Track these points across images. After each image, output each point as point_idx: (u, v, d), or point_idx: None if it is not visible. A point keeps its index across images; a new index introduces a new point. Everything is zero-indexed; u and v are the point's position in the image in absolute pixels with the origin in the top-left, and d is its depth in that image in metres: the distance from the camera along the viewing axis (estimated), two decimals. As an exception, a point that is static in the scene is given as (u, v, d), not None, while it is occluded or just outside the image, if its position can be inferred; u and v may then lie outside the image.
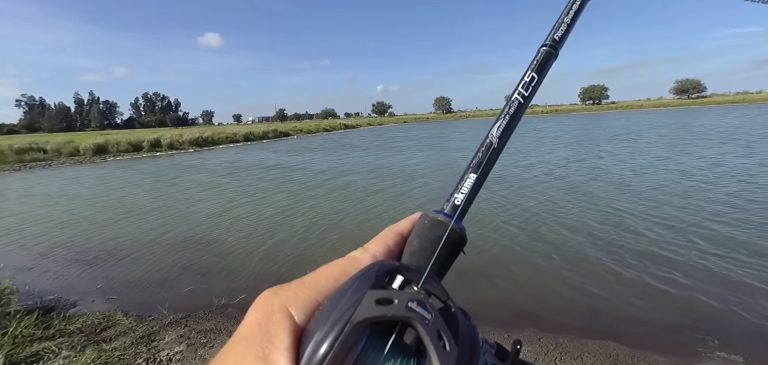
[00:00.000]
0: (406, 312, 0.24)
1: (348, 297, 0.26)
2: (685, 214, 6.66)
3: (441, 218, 0.35)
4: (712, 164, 11.34)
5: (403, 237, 0.35)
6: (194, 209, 9.46)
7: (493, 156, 0.38)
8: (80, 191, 13.18)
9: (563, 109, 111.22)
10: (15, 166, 22.25)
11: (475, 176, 0.37)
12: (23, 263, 6.14)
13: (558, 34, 0.44)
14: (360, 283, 0.27)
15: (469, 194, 0.37)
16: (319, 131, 54.24)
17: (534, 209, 7.55)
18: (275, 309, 0.27)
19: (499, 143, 0.38)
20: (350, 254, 0.33)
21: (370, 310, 0.24)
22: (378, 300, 0.25)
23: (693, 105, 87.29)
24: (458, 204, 0.36)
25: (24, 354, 3.38)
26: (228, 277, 5.25)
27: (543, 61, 0.42)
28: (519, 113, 0.39)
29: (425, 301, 0.26)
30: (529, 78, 0.41)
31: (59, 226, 8.46)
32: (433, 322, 0.25)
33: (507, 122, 0.39)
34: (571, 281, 4.57)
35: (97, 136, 36.39)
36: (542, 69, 0.42)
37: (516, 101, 0.40)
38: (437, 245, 0.33)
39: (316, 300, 0.27)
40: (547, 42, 0.44)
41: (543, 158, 14.81)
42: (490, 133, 0.39)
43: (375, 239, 0.35)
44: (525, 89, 0.40)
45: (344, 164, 17.14)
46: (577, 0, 0.45)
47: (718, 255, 4.96)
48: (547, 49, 0.43)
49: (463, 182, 0.37)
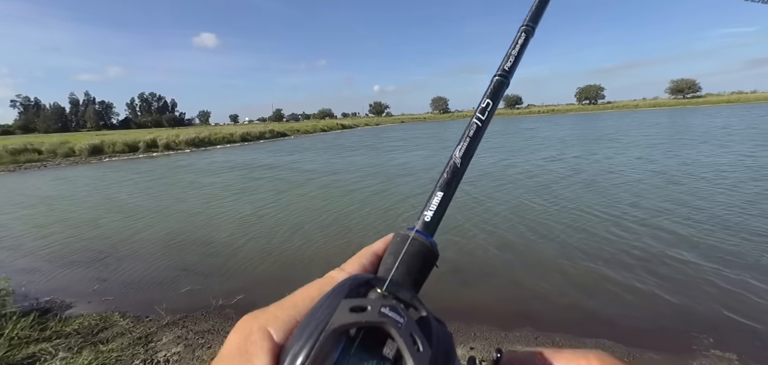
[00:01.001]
0: (379, 318, 0.25)
1: (323, 309, 0.27)
2: (679, 214, 6.71)
3: (413, 235, 0.36)
4: (700, 164, 11.44)
5: (378, 256, 0.37)
6: (191, 209, 9.44)
7: (457, 175, 0.41)
8: (75, 192, 13.11)
9: (560, 109, 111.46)
10: (10, 167, 22.07)
11: (442, 194, 0.39)
12: (19, 265, 6.11)
13: (507, 65, 0.49)
14: (335, 294, 0.28)
15: (437, 211, 0.39)
16: (316, 131, 54.14)
17: (529, 209, 7.59)
18: (254, 330, 0.27)
19: (462, 163, 0.42)
20: (328, 274, 0.34)
21: (345, 318, 0.25)
22: (352, 307, 0.26)
23: (688, 105, 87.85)
24: (428, 221, 0.38)
25: (20, 356, 3.37)
26: (225, 278, 5.24)
27: (496, 88, 0.47)
28: (478, 136, 0.43)
29: (397, 307, 0.27)
30: (485, 104, 0.45)
31: (55, 227, 8.41)
32: (405, 325, 0.25)
33: (468, 143, 0.43)
34: (568, 280, 4.60)
35: (93, 136, 36.18)
36: (496, 96, 0.47)
37: (474, 124, 0.44)
38: (409, 259, 0.35)
39: (295, 319, 0.28)
40: (499, 72, 0.49)
41: (539, 159, 14.90)
42: (454, 154, 0.42)
43: (351, 259, 0.37)
44: (482, 114, 0.44)
45: (342, 163, 17.17)
46: (522, 36, 0.52)
47: (713, 255, 5.01)
48: (499, 79, 0.48)
49: (432, 200, 0.39)
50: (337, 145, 29.66)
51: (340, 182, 12.18)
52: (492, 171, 12.29)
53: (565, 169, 12.09)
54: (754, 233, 5.58)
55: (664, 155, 13.69)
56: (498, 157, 15.67)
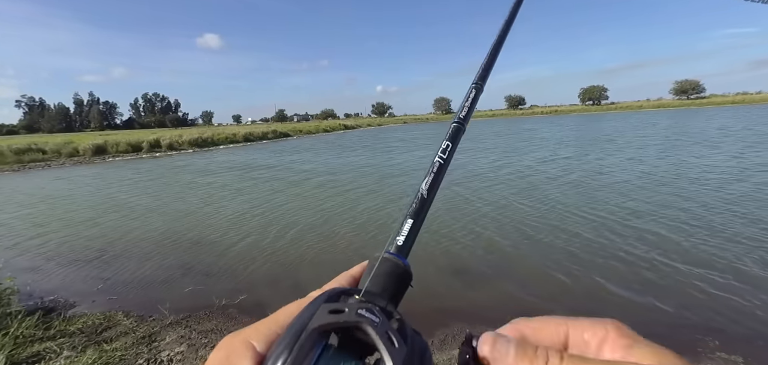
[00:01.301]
0: (356, 318, 0.27)
1: (304, 315, 0.28)
2: (684, 214, 6.68)
3: (386, 256, 0.39)
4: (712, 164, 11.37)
5: (356, 279, 0.40)
6: (194, 209, 9.47)
7: (425, 205, 0.45)
8: (78, 192, 13.18)
9: (563, 109, 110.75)
10: (14, 166, 22.22)
11: (412, 221, 0.43)
12: (24, 264, 6.15)
13: (462, 114, 0.55)
14: (314, 302, 0.30)
15: (409, 236, 0.41)
16: (319, 132, 54.19)
17: (531, 209, 7.57)
18: (236, 344, 0.28)
19: (428, 195, 0.45)
20: (308, 295, 0.36)
21: (324, 319, 0.27)
22: (331, 310, 0.28)
23: (692, 106, 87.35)
24: (401, 245, 0.41)
25: (25, 355, 3.39)
26: (228, 277, 5.25)
27: (454, 133, 0.52)
28: (441, 172, 0.48)
29: (374, 308, 0.29)
30: (445, 146, 0.50)
31: (59, 226, 8.46)
32: (381, 324, 0.27)
33: (433, 178, 0.47)
34: (568, 282, 4.59)
35: (97, 136, 36.35)
36: (455, 139, 0.52)
37: (437, 163, 0.48)
38: (384, 279, 0.37)
39: (276, 332, 0.29)
40: (456, 120, 0.54)
41: (536, 160, 14.86)
42: (421, 187, 0.46)
43: (331, 282, 0.39)
44: (443, 153, 0.49)
45: (343, 163, 17.17)
46: (472, 92, 0.58)
47: (718, 256, 4.98)
48: (457, 125, 0.53)
49: (403, 227, 0.42)
50: (338, 145, 29.67)
51: (343, 182, 12.19)
52: (495, 173, 12.27)
53: (563, 170, 12.05)
54: (762, 237, 5.54)
55: (669, 156, 13.62)
56: (499, 158, 15.62)
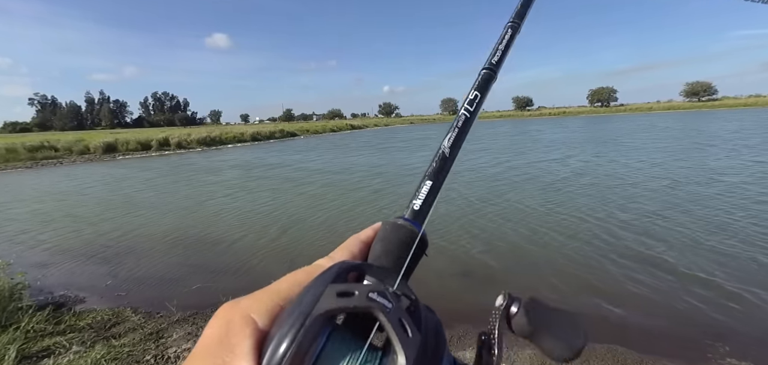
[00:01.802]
0: (366, 302, 0.25)
1: (309, 294, 0.26)
2: (694, 219, 6.58)
3: (401, 223, 0.36)
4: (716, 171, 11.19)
5: (366, 244, 0.37)
6: (202, 207, 9.55)
7: (446, 165, 0.41)
8: (90, 189, 13.36)
9: (571, 111, 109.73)
10: (27, 163, 22.64)
11: (431, 183, 0.40)
12: (35, 259, 6.24)
13: (495, 59, 0.50)
14: (322, 280, 0.27)
15: (426, 200, 0.39)
16: (326, 132, 54.37)
17: (539, 211, 7.51)
18: (235, 317, 0.26)
19: (450, 152, 0.42)
20: (315, 262, 0.34)
21: (331, 303, 0.24)
22: (339, 292, 0.25)
23: (703, 108, 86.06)
24: (417, 209, 0.38)
25: (36, 349, 3.45)
26: (235, 275, 5.29)
27: (484, 81, 0.48)
28: (466, 126, 0.44)
29: (386, 292, 0.26)
30: (473, 96, 0.46)
31: (69, 223, 8.59)
32: (393, 310, 0.25)
33: (456, 134, 0.44)
34: (579, 284, 4.54)
35: (107, 134, 36.89)
36: (484, 88, 0.47)
37: (463, 115, 0.45)
38: (399, 246, 0.34)
39: (279, 305, 0.27)
40: (487, 65, 0.50)
41: (553, 161, 14.74)
42: (443, 144, 0.43)
43: (339, 247, 0.36)
44: (470, 105, 0.46)
45: (350, 162, 17.19)
46: (508, 32, 0.53)
47: (729, 262, 4.90)
48: (487, 72, 0.49)
49: (420, 189, 0.39)
50: (345, 146, 29.73)
51: (351, 181, 12.22)
52: (501, 174, 12.20)
53: (567, 171, 11.94)
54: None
55: (683, 158, 13.43)
56: (506, 159, 15.53)
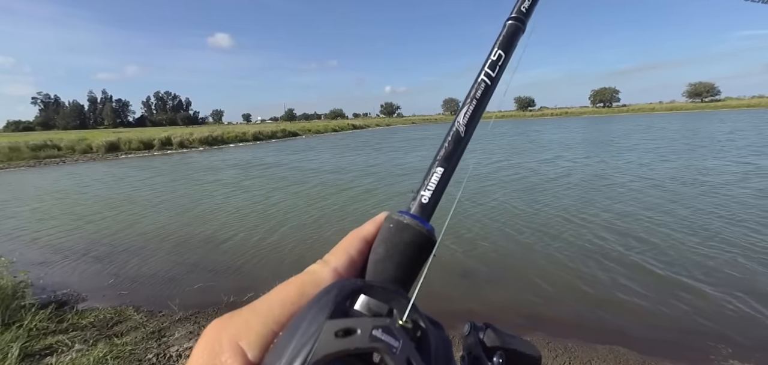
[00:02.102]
0: (370, 343, 0.22)
1: (304, 330, 0.23)
2: (696, 218, 6.55)
3: (407, 221, 0.31)
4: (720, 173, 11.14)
5: (368, 242, 0.32)
6: (203, 206, 9.56)
7: (461, 146, 0.35)
8: (92, 188, 13.40)
9: (573, 111, 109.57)
10: (30, 162, 22.73)
11: (443, 169, 0.34)
12: (38, 258, 6.27)
13: (525, 5, 0.39)
14: (317, 311, 0.24)
15: (436, 190, 0.33)
16: (328, 132, 54.42)
17: (542, 211, 7.49)
18: (224, 346, 0.24)
19: (466, 130, 0.35)
20: (309, 268, 0.31)
21: (330, 345, 0.22)
22: (337, 332, 0.23)
23: (706, 109, 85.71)
24: (425, 203, 0.33)
25: (38, 347, 3.46)
26: (237, 274, 5.29)
27: (509, 36, 0.38)
28: (486, 96, 0.36)
29: (392, 327, 0.23)
30: (496, 56, 0.37)
31: (72, 222, 8.62)
32: (401, 350, 0.22)
33: (474, 106, 0.35)
34: (581, 285, 4.53)
35: (110, 134, 37.04)
36: (509, 46, 0.38)
37: (482, 82, 0.36)
38: (403, 250, 0.30)
39: (272, 330, 0.25)
40: (514, 14, 0.39)
41: (556, 162, 14.71)
42: (457, 120, 0.35)
43: (336, 248, 0.32)
44: (492, 69, 0.36)
45: (354, 161, 17.20)
46: None
47: (731, 264, 4.87)
48: (513, 23, 0.38)
49: (430, 177, 0.34)
50: (342, 145, 29.74)
51: (354, 180, 12.23)
52: (507, 173, 12.19)
53: (573, 173, 11.92)
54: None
55: (686, 160, 13.39)
56: (504, 158, 15.50)
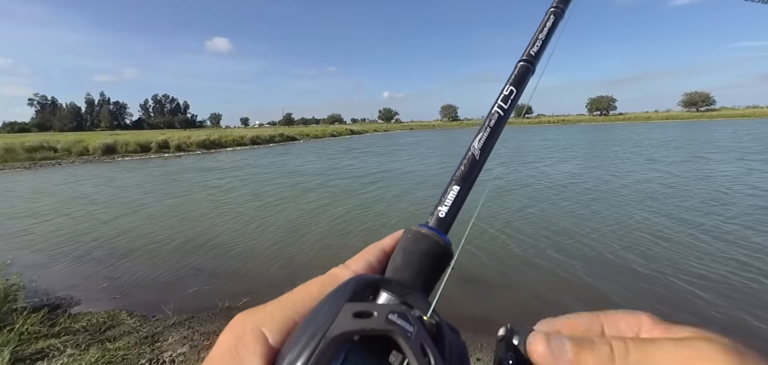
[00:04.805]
0: (385, 325, 0.23)
1: (324, 312, 0.24)
2: (703, 221, 6.58)
3: (425, 232, 0.33)
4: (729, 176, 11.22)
5: (386, 253, 0.34)
6: (199, 210, 9.51)
7: (476, 168, 0.38)
8: (87, 191, 13.32)
9: (570, 119, 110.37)
10: (25, 164, 22.57)
11: (459, 188, 0.37)
12: (30, 261, 6.20)
13: (534, 49, 0.45)
14: (337, 297, 0.26)
15: (453, 206, 0.36)
16: (326, 136, 54.46)
17: (549, 219, 7.50)
18: (247, 330, 0.25)
19: (481, 155, 0.39)
20: (330, 271, 0.32)
21: (348, 324, 0.23)
22: (356, 313, 0.24)
23: (702, 118, 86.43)
24: (443, 217, 0.35)
25: (30, 351, 3.41)
26: (232, 279, 5.26)
27: (520, 75, 0.44)
28: (499, 126, 0.41)
29: (407, 313, 0.24)
30: (508, 92, 0.42)
31: (66, 224, 8.54)
32: (415, 335, 0.23)
33: (488, 134, 0.40)
34: (582, 291, 4.52)
35: (107, 136, 36.86)
36: (520, 83, 0.43)
37: (496, 114, 0.41)
38: (421, 259, 0.32)
39: (293, 319, 0.26)
40: (524, 57, 0.45)
41: (560, 164, 14.76)
42: (472, 145, 0.40)
43: (357, 256, 0.34)
44: (504, 102, 0.41)
45: (352, 166, 17.19)
46: (550, 19, 0.47)
47: (733, 266, 4.89)
48: (524, 64, 0.44)
49: (447, 195, 0.36)
50: (344, 150, 29.76)
51: (351, 186, 12.21)
52: (522, 179, 12.21)
53: (579, 177, 11.96)
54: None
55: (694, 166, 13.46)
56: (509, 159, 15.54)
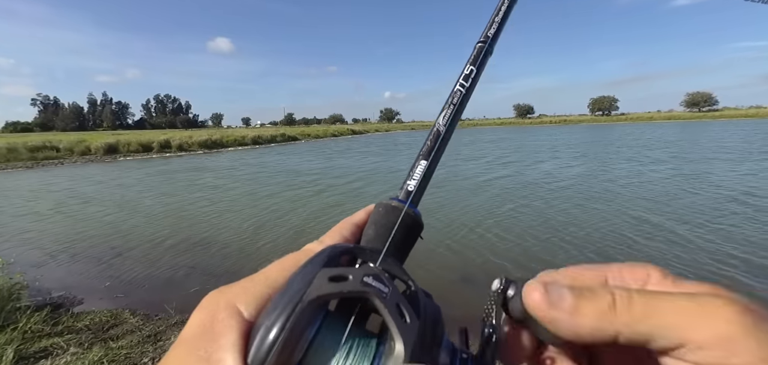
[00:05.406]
0: (361, 287, 0.24)
1: (299, 279, 0.24)
2: (699, 220, 6.56)
3: (395, 204, 0.35)
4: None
5: (359, 227, 0.36)
6: (202, 210, 9.53)
7: (441, 143, 0.40)
8: (89, 190, 13.35)
9: (572, 119, 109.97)
10: (28, 163, 22.61)
11: (426, 162, 0.38)
12: (34, 260, 6.22)
13: (491, 31, 0.48)
14: (312, 264, 0.26)
15: (421, 180, 0.37)
16: (327, 136, 54.49)
17: (545, 219, 7.49)
18: (220, 307, 0.25)
19: (446, 130, 0.41)
20: (305, 246, 0.32)
21: (323, 288, 0.23)
22: (331, 277, 0.24)
23: (704, 118, 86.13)
24: (411, 190, 0.37)
25: (33, 350, 3.42)
26: (234, 278, 4.91)
27: (479, 55, 0.46)
28: (463, 103, 0.43)
29: (381, 276, 0.25)
30: (468, 70, 0.45)
31: (69, 223, 8.57)
32: (390, 295, 0.24)
33: (452, 111, 0.42)
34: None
35: (109, 136, 36.95)
36: (479, 63, 0.46)
37: (458, 91, 0.43)
38: (392, 229, 0.33)
39: (267, 294, 0.26)
40: (482, 38, 0.47)
41: (555, 166, 14.75)
42: (437, 122, 0.41)
43: (330, 231, 0.35)
44: (465, 81, 0.44)
45: (355, 165, 17.20)
46: (505, 3, 0.50)
47: (734, 267, 4.87)
48: (482, 45, 0.47)
49: (415, 169, 0.38)
50: (346, 149, 29.79)
51: (356, 185, 12.24)
52: (507, 177, 12.19)
53: (576, 175, 11.94)
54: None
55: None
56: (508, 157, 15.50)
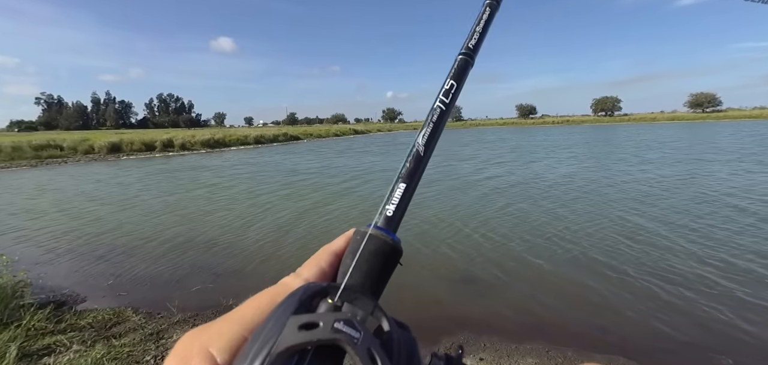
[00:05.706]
0: (331, 334, 0.23)
1: (270, 327, 0.24)
2: (702, 229, 6.54)
3: (373, 232, 0.34)
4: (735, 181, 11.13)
5: (338, 256, 0.35)
6: (204, 209, 9.57)
7: (421, 164, 0.38)
8: (92, 189, 13.43)
9: (574, 120, 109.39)
10: (32, 162, 22.79)
11: (405, 185, 0.37)
12: (37, 258, 6.27)
13: (472, 42, 0.45)
14: (283, 311, 0.26)
15: (400, 204, 0.36)
16: (329, 136, 54.55)
17: (541, 220, 7.48)
18: (194, 352, 0.24)
19: (425, 150, 0.39)
20: (281, 280, 0.32)
21: (294, 338, 0.23)
22: (301, 325, 0.24)
23: (708, 119, 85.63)
24: (390, 215, 0.35)
25: (36, 347, 3.45)
26: (236, 277, 5.29)
27: (460, 69, 0.43)
28: (442, 120, 0.40)
29: (353, 320, 0.24)
30: (449, 86, 0.42)
31: (72, 221, 8.63)
32: (362, 341, 0.23)
33: (431, 129, 0.40)
34: (581, 294, 4.51)
35: (112, 135, 37.14)
36: (460, 76, 0.43)
37: (438, 108, 0.40)
38: (369, 259, 0.32)
39: (242, 335, 0.26)
40: (463, 50, 0.45)
41: (555, 167, 14.72)
42: (416, 142, 0.39)
43: (308, 261, 0.34)
44: (446, 97, 0.41)
45: (358, 164, 17.22)
46: (486, 11, 0.48)
47: (734, 273, 4.85)
48: (463, 58, 0.44)
49: (394, 193, 0.36)
50: (349, 149, 29.79)
51: (357, 185, 12.23)
52: (507, 179, 12.18)
53: (579, 179, 11.91)
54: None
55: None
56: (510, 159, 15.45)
